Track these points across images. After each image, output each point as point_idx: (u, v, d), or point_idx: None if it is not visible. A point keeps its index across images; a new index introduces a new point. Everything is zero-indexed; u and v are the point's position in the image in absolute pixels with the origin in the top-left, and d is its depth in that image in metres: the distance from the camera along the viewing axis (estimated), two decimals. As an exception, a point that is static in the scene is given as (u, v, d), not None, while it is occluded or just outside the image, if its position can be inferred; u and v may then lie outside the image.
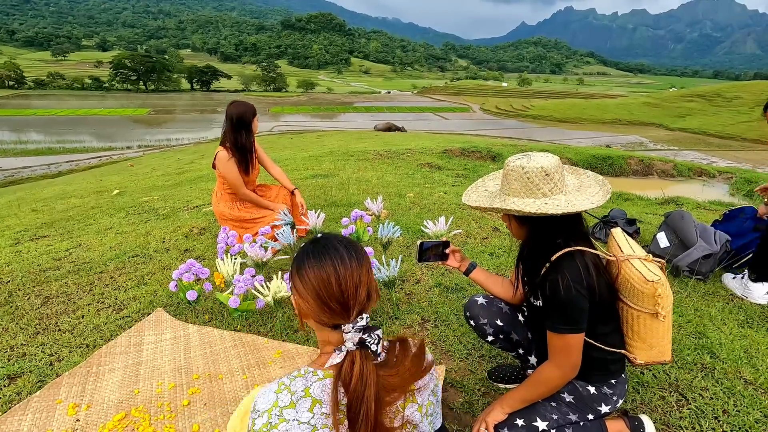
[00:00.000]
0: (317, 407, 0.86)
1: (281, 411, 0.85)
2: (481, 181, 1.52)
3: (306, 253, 0.93)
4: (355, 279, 0.89)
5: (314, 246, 0.93)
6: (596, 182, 1.38)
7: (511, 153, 8.54)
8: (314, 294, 0.88)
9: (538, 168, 1.24)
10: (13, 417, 1.58)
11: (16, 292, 2.61)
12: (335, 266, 0.89)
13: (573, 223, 1.29)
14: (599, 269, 1.28)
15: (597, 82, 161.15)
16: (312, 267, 0.89)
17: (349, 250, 0.92)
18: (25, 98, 59.45)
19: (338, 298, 0.87)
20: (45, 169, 18.45)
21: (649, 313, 1.26)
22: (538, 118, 42.54)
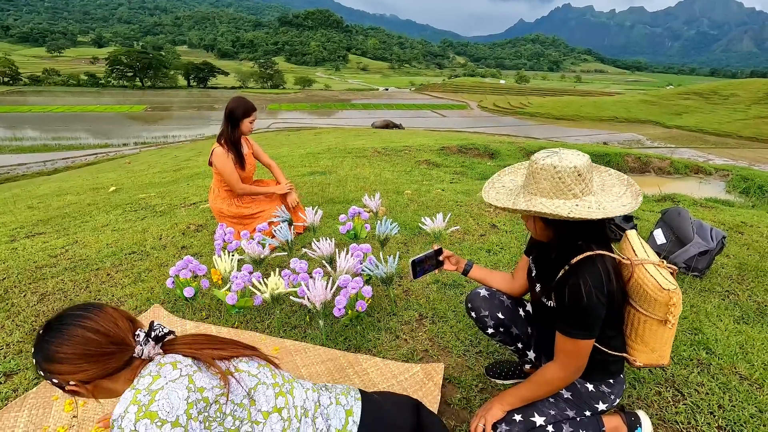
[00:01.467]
0: (179, 363, 0.93)
1: (148, 389, 0.87)
2: (497, 176, 1.45)
3: (44, 342, 0.92)
4: (105, 320, 0.93)
5: (46, 332, 0.93)
6: (620, 181, 1.33)
7: (509, 150, 8.54)
8: (86, 358, 0.90)
9: (570, 168, 1.17)
10: (9, 413, 1.58)
11: (12, 289, 2.60)
12: (79, 324, 0.91)
13: (599, 226, 1.25)
14: (617, 274, 1.26)
15: (594, 80, 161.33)
16: (62, 344, 0.90)
17: (79, 308, 0.96)
18: (20, 95, 59.04)
19: (107, 341, 0.92)
20: (41, 166, 18.33)
21: (658, 320, 1.24)
22: (536, 116, 42.57)
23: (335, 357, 1.86)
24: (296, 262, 2.20)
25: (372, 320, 2.15)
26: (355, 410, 1.12)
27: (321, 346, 1.95)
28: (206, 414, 0.89)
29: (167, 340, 0.98)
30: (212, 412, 0.90)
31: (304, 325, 2.14)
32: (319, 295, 1.85)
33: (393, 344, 1.99)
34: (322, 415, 1.07)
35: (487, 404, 1.41)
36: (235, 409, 0.94)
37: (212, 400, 0.91)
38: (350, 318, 2.02)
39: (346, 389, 1.18)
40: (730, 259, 2.94)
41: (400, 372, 1.77)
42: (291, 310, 2.26)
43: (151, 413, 0.82)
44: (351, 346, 1.97)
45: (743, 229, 3.58)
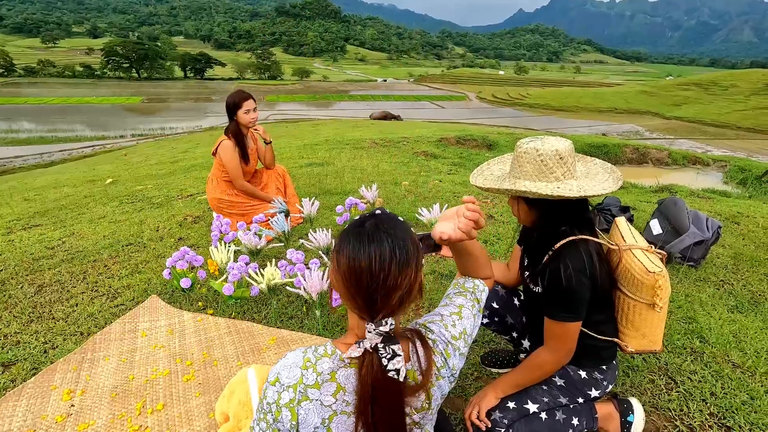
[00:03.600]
0: (341, 393, 0.84)
1: (306, 389, 0.84)
2: (486, 165, 1.50)
3: (348, 234, 0.84)
4: (389, 282, 0.80)
5: (359, 228, 0.84)
6: (604, 169, 1.37)
7: (507, 141, 8.52)
8: (343, 282, 0.82)
9: (552, 151, 1.22)
10: (7, 403, 1.59)
11: (9, 280, 2.60)
12: (371, 261, 0.79)
13: (580, 209, 1.29)
14: (601, 258, 1.29)
15: (594, 71, 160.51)
16: (347, 253, 0.82)
17: (394, 246, 0.81)
18: (15, 86, 58.52)
19: (364, 295, 0.80)
20: (37, 158, 18.24)
21: (646, 304, 1.27)
22: (535, 107, 42.42)
23: (332, 346, 1.88)
24: (293, 252, 2.20)
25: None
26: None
27: (318, 336, 1.96)
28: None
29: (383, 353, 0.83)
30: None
31: (301, 315, 2.15)
32: (315, 286, 1.85)
33: (389, 334, 2.00)
34: None
35: (481, 392, 1.42)
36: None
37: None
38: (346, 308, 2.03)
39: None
40: (725, 249, 2.95)
41: (396, 361, 1.78)
42: (288, 300, 2.27)
43: (294, 412, 0.84)
44: (347, 335, 1.98)
45: (739, 220, 3.59)
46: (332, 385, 0.85)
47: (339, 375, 0.85)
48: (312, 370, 0.85)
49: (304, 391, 0.84)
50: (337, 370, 0.85)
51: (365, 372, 0.83)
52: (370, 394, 0.83)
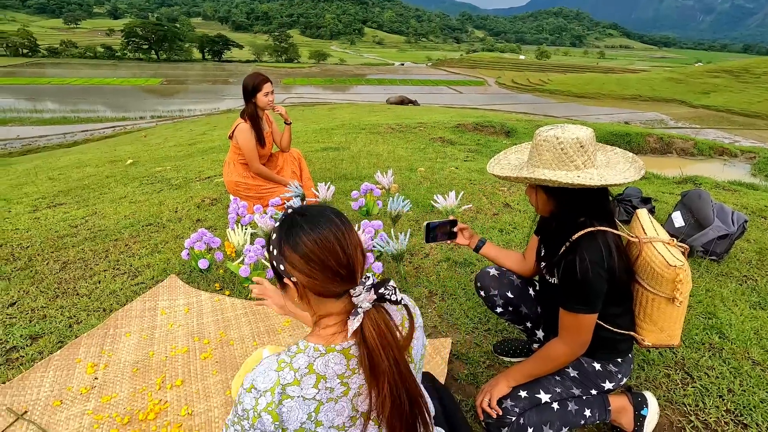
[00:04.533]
0: (322, 382, 0.85)
1: (284, 389, 0.84)
2: (503, 153, 1.48)
3: (297, 226, 0.85)
4: (353, 240, 0.85)
5: (304, 217, 0.86)
6: (625, 158, 1.34)
7: (526, 129, 8.36)
8: (321, 265, 0.82)
9: (573, 139, 1.19)
10: (35, 373, 1.66)
11: (35, 257, 2.69)
12: (334, 232, 0.83)
13: (600, 200, 1.26)
14: (620, 250, 1.26)
15: (619, 56, 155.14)
16: (311, 238, 0.82)
17: (336, 214, 0.87)
18: (39, 67, 59.61)
19: (344, 263, 0.83)
20: (60, 138, 18.66)
21: (665, 298, 1.24)
22: (555, 93, 41.35)
23: (345, 330, 1.90)
24: (308, 236, 2.22)
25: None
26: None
27: (331, 319, 1.98)
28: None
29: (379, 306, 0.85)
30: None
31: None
32: (330, 270, 1.87)
33: (402, 320, 2.01)
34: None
35: (493, 380, 1.42)
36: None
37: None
38: (360, 293, 2.04)
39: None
40: (750, 243, 2.86)
41: (408, 347, 1.79)
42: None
43: (275, 414, 0.83)
44: (361, 320, 2.00)
45: (767, 213, 3.47)
46: (311, 377, 0.84)
47: (316, 365, 0.85)
48: (288, 368, 0.85)
49: (283, 391, 0.83)
50: (314, 361, 0.85)
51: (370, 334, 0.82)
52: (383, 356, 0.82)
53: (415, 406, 0.87)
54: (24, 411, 1.50)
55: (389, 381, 0.83)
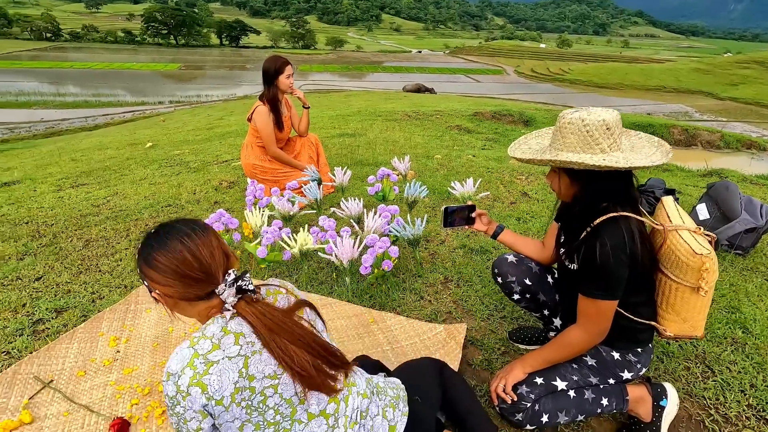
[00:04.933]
0: (242, 338, 0.90)
1: (206, 357, 0.87)
2: (524, 138, 1.45)
3: (148, 246, 0.93)
4: (205, 246, 0.92)
5: (154, 236, 0.94)
6: (650, 143, 1.30)
7: (546, 118, 8.20)
8: (175, 275, 0.90)
9: (599, 121, 1.16)
10: (61, 345, 1.72)
11: (59, 234, 2.76)
12: (182, 242, 0.91)
13: (624, 186, 1.23)
14: (643, 237, 1.23)
15: (643, 45, 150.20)
16: (162, 253, 0.90)
17: (188, 225, 0.95)
18: (61, 51, 60.60)
19: (198, 267, 0.90)
20: (82, 121, 19.04)
21: (690, 287, 1.21)
22: (576, 83, 40.38)
23: (360, 313, 1.91)
24: (324, 219, 2.23)
25: (397, 281, 2.17)
26: (399, 427, 1.08)
27: (347, 302, 2.00)
28: (249, 402, 0.89)
29: (247, 297, 0.93)
30: (255, 402, 0.90)
31: (331, 281, 2.19)
32: (346, 253, 1.87)
33: (417, 305, 2.01)
34: (365, 427, 1.03)
35: (508, 366, 1.42)
36: (281, 404, 0.92)
37: (258, 391, 0.90)
38: (376, 277, 2.05)
39: (396, 398, 1.13)
40: (778, 238, 2.77)
41: (423, 331, 1.80)
42: (318, 266, 2.31)
43: (203, 384, 0.86)
44: (376, 304, 2.01)
45: (796, 209, 3.35)
46: (229, 337, 0.90)
47: (230, 326, 0.91)
48: (202, 339, 0.89)
49: (205, 360, 0.87)
50: (226, 324, 0.91)
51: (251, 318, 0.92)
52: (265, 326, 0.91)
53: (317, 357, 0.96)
54: (50, 380, 1.55)
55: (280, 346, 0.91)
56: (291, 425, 0.94)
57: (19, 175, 4.68)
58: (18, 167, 5.43)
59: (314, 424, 0.96)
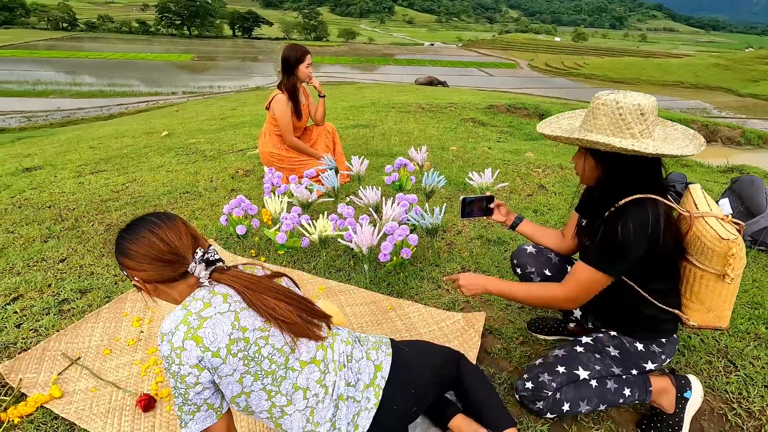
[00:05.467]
0: (229, 297, 0.98)
1: (198, 314, 0.94)
2: (555, 117, 1.43)
3: (121, 238, 1.01)
4: (172, 231, 0.99)
5: (126, 230, 1.02)
6: (685, 135, 1.28)
7: (561, 111, 8.10)
8: (148, 259, 0.97)
9: (634, 105, 1.14)
10: (86, 324, 1.76)
11: (81, 218, 2.82)
12: (150, 230, 0.98)
13: (653, 173, 1.21)
14: (670, 222, 1.21)
15: (661, 39, 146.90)
16: (132, 242, 0.98)
17: (156, 216, 1.02)
18: (77, 41, 61.25)
19: (168, 250, 0.97)
20: (97, 111, 19.28)
21: (715, 274, 1.19)
22: (591, 78, 39.76)
23: (378, 300, 1.92)
24: (343, 207, 2.23)
25: (414, 269, 2.18)
26: (384, 366, 1.15)
27: (365, 289, 2.01)
28: (245, 353, 0.95)
29: (218, 267, 1.01)
30: (251, 352, 0.95)
31: (348, 268, 2.20)
32: (366, 240, 1.88)
33: (435, 293, 2.02)
34: (352, 369, 1.11)
35: (472, 278, 1.42)
36: (274, 353, 0.98)
37: (252, 341, 0.96)
38: (394, 264, 2.06)
39: (378, 342, 1.21)
40: (803, 235, 2.71)
41: (441, 319, 1.80)
42: (336, 254, 2.32)
43: (197, 337, 0.91)
44: (393, 291, 2.02)
45: (822, 206, 3.27)
46: (218, 297, 0.98)
47: (217, 289, 0.99)
48: (193, 302, 0.97)
49: (198, 316, 0.94)
50: (213, 288, 0.99)
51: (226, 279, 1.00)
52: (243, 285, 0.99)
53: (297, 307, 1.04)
54: (77, 357, 1.59)
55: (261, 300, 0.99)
56: (286, 373, 1.00)
57: (39, 161, 4.77)
58: (38, 154, 5.53)
59: (307, 371, 1.04)
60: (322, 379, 1.05)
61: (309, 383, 1.03)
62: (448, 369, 1.30)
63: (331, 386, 1.06)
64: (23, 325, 1.80)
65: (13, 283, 2.08)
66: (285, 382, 1.00)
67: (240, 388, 0.96)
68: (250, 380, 0.96)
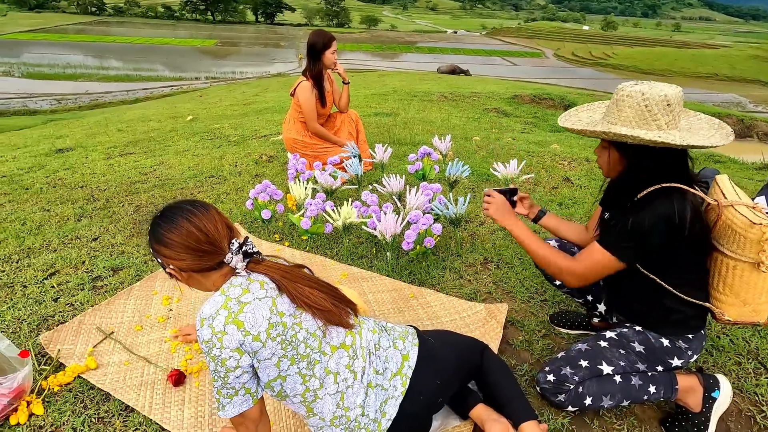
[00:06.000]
0: (265, 284, 1.00)
1: (238, 300, 0.96)
2: (574, 110, 1.41)
3: (157, 225, 1.01)
4: (209, 220, 0.99)
5: (161, 216, 1.02)
6: (709, 125, 1.24)
7: (589, 102, 7.88)
8: (185, 249, 0.97)
9: (660, 96, 1.11)
10: (119, 300, 1.83)
11: (111, 199, 2.91)
12: (187, 218, 0.98)
13: (679, 165, 1.18)
14: (697, 212, 1.17)
15: (697, 29, 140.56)
16: (170, 230, 0.98)
17: (191, 204, 1.02)
18: (105, 25, 62.42)
19: (205, 240, 0.98)
20: (124, 95, 19.71)
21: (749, 263, 1.14)
22: (619, 68, 38.48)
23: (400, 288, 1.93)
24: (367, 195, 2.24)
25: (436, 259, 2.18)
26: (411, 355, 1.17)
27: (387, 276, 2.02)
28: (283, 337, 0.97)
29: (254, 259, 1.02)
30: (288, 336, 0.98)
31: (371, 256, 2.22)
32: (390, 228, 1.88)
33: (457, 283, 2.02)
34: (380, 357, 1.13)
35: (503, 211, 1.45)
36: (308, 338, 1.01)
37: (289, 326, 0.98)
38: (417, 253, 2.06)
39: (404, 332, 1.23)
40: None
41: (463, 309, 1.80)
42: (358, 241, 2.34)
43: (239, 321, 0.93)
44: (415, 280, 2.03)
45: None
46: (255, 284, 0.99)
47: (253, 276, 1.01)
48: (231, 288, 0.98)
49: (238, 302, 0.95)
50: (249, 275, 1.01)
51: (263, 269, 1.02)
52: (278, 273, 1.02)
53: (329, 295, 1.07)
54: (111, 331, 1.66)
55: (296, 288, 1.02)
56: (319, 357, 1.03)
57: (71, 142, 4.92)
58: (69, 135, 5.70)
59: (337, 355, 1.06)
60: (351, 364, 1.07)
61: (339, 367, 1.05)
62: (472, 359, 1.31)
63: (360, 372, 1.08)
64: (60, 299, 1.88)
65: (50, 259, 2.17)
66: (318, 366, 1.02)
67: (277, 372, 0.98)
68: (287, 364, 0.99)
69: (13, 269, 2.10)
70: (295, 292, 1.01)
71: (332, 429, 1.07)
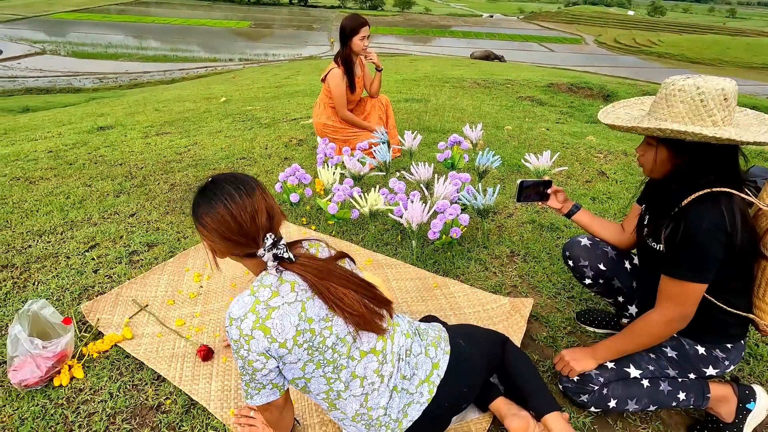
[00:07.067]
0: (296, 286, 0.97)
1: (266, 303, 0.93)
2: (611, 107, 1.34)
3: (197, 204, 0.97)
4: (248, 210, 0.94)
5: (202, 194, 0.97)
6: (759, 121, 1.16)
7: (629, 93, 7.52)
8: (218, 235, 0.94)
9: (717, 90, 1.04)
10: (153, 275, 1.91)
11: (148, 177, 3.01)
12: (226, 205, 0.93)
13: (731, 163, 1.11)
14: (746, 218, 1.11)
15: (755, 15, 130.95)
16: (206, 213, 0.95)
17: (236, 185, 0.96)
18: (144, 5, 63.87)
19: (239, 231, 0.93)
20: (161, 75, 20.22)
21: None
22: (665, 57, 36.42)
23: (424, 276, 1.93)
24: (395, 182, 2.23)
25: (462, 249, 2.16)
26: (442, 364, 1.14)
27: (411, 265, 2.02)
28: (310, 344, 0.95)
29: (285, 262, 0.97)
30: (316, 343, 0.96)
31: (395, 243, 2.22)
32: (416, 216, 1.88)
33: (482, 275, 2.00)
34: (410, 364, 1.10)
35: (576, 351, 1.34)
36: (337, 343, 0.98)
37: (317, 332, 0.96)
38: (442, 243, 2.05)
39: (437, 338, 1.19)
40: None
41: (487, 301, 1.79)
42: (384, 228, 2.35)
43: (266, 328, 0.92)
44: (440, 269, 2.02)
45: None
46: (286, 285, 0.96)
47: (285, 276, 0.97)
48: (261, 288, 0.95)
49: (266, 305, 0.93)
50: (281, 275, 0.97)
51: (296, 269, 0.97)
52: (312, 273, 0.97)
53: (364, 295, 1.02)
54: (146, 304, 1.74)
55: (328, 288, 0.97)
56: (347, 362, 1.01)
57: (111, 120, 5.11)
58: (110, 114, 5.92)
59: (366, 361, 1.03)
60: (379, 369, 1.05)
61: (366, 372, 1.04)
62: (494, 353, 1.29)
63: (387, 376, 1.06)
64: (99, 271, 1.98)
65: (91, 232, 2.28)
66: (345, 371, 1.01)
67: (302, 374, 0.99)
68: (312, 368, 0.98)
69: (58, 240, 2.22)
70: (328, 293, 0.97)
71: (353, 423, 1.07)
